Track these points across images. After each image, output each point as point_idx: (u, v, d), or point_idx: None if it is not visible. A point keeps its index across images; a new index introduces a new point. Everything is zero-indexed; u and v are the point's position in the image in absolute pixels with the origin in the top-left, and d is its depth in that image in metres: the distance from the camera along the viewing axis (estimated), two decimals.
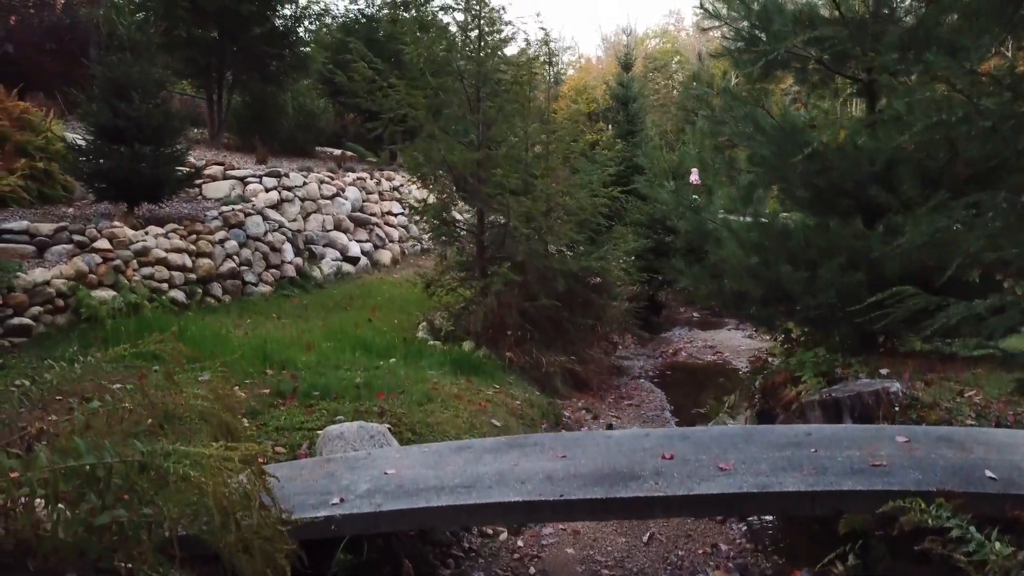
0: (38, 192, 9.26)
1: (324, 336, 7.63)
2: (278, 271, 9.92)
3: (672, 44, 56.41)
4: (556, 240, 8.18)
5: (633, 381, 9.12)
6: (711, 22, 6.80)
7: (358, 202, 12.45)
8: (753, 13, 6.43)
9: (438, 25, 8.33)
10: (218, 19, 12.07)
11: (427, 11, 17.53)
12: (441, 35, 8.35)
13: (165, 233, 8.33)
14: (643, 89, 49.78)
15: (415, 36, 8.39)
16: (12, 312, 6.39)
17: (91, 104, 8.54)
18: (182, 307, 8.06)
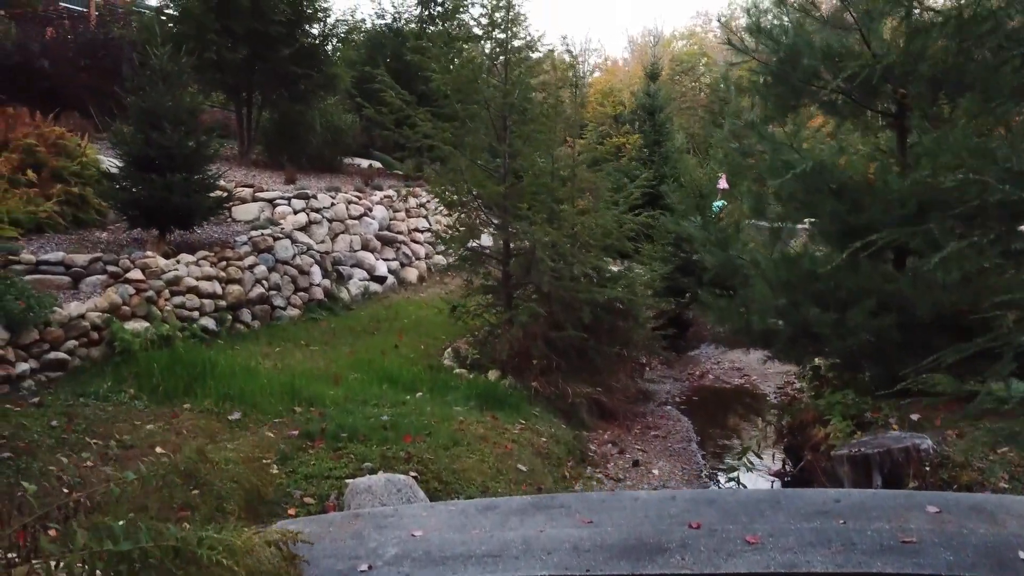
0: (73, 217, 9.44)
1: (351, 366, 7.70)
2: (306, 294, 10.03)
3: (699, 46, 56.05)
4: (582, 267, 8.16)
5: (660, 408, 9.09)
6: (739, 56, 6.75)
7: (385, 220, 12.53)
8: (783, 47, 6.38)
9: (465, 56, 8.32)
10: (248, 41, 12.20)
11: (454, 23, 17.62)
12: (467, 64, 8.36)
13: (196, 261, 8.45)
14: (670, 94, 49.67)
15: (442, 65, 8.42)
16: (48, 347, 6.52)
17: (125, 133, 8.68)
18: (212, 335, 8.17)
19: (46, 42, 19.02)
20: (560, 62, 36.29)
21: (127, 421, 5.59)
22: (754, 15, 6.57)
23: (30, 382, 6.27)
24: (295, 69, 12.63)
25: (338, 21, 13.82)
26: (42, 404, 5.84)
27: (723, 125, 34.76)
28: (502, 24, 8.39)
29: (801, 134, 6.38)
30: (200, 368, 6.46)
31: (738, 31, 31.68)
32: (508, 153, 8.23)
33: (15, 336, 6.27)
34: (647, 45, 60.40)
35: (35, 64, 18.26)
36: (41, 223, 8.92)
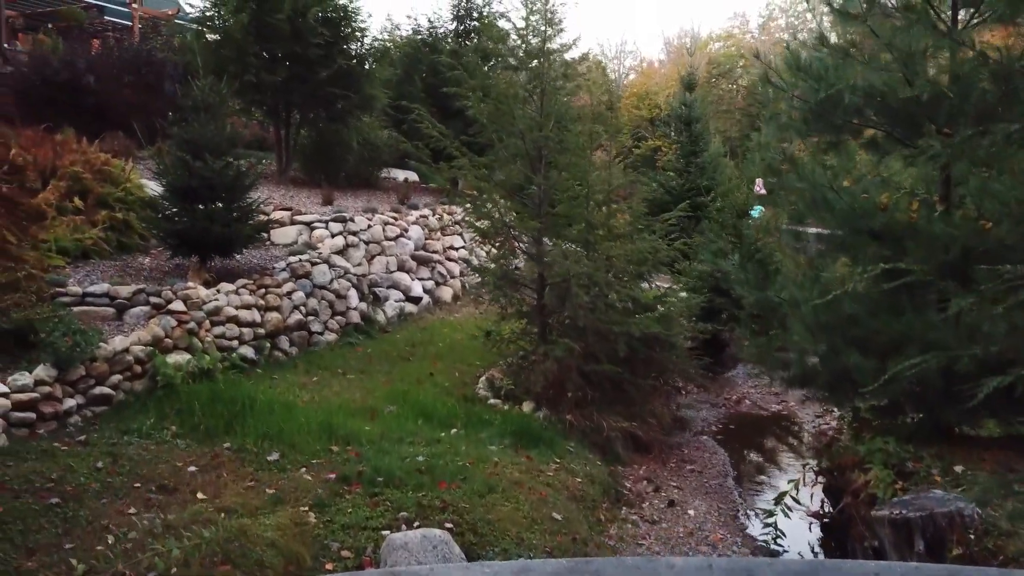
0: (117, 242, 9.66)
1: (387, 397, 7.76)
2: (343, 318, 10.13)
3: (736, 47, 55.40)
4: (617, 296, 8.13)
5: (695, 438, 9.02)
6: (776, 93, 6.66)
7: (420, 240, 12.61)
8: (823, 86, 6.28)
9: (501, 85, 8.33)
10: (287, 63, 12.37)
11: (490, 36, 17.63)
12: (503, 94, 8.37)
13: (236, 289, 8.58)
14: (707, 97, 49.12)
15: (478, 95, 8.44)
16: (94, 382, 6.69)
17: (167, 163, 8.85)
18: (251, 364, 8.30)
19: (91, 58, 19.46)
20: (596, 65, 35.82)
21: (169, 462, 5.70)
22: (793, 52, 6.48)
23: (76, 418, 6.44)
24: (333, 90, 12.76)
25: (375, 40, 13.91)
26: (88, 443, 5.98)
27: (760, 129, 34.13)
28: (538, 55, 8.39)
29: (840, 178, 6.27)
30: (240, 406, 6.56)
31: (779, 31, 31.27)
32: (543, 186, 8.22)
33: (63, 373, 6.44)
34: (683, 48, 59.98)
35: (81, 80, 18.70)
36: (87, 250, 9.15)
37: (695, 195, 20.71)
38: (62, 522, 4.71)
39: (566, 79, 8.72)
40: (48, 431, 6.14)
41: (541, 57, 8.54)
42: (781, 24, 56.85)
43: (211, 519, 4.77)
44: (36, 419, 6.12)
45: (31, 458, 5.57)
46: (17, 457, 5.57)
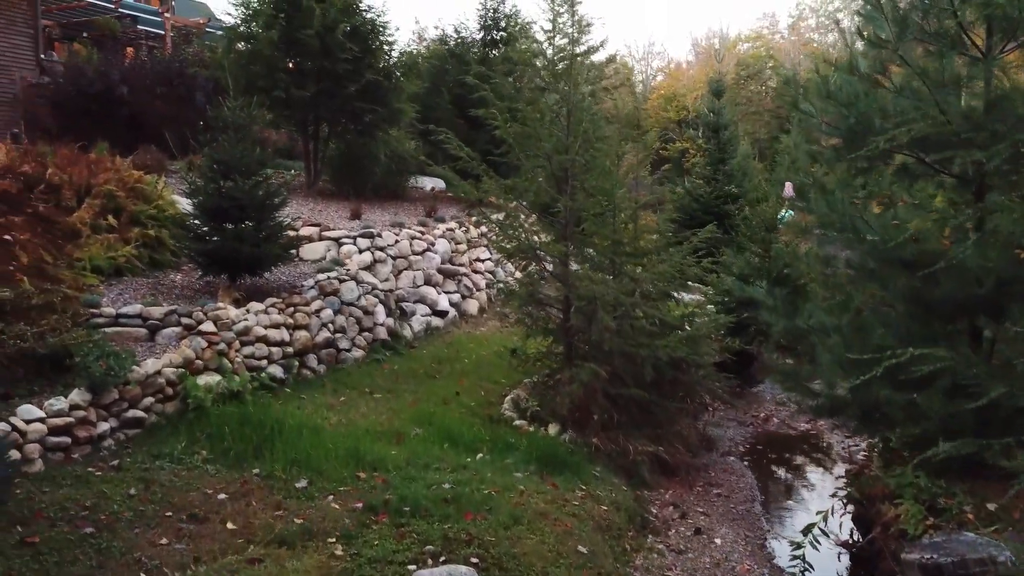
0: (149, 259, 9.83)
1: (413, 419, 7.81)
2: (371, 334, 10.20)
3: (765, 48, 54.87)
4: (643, 318, 8.10)
5: (722, 459, 8.96)
6: (806, 120, 6.60)
7: (447, 254, 12.66)
8: (853, 114, 6.21)
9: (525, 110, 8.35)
10: (316, 78, 12.49)
11: (519, 45, 17.66)
12: (529, 117, 8.38)
13: (265, 309, 8.68)
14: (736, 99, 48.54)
15: (505, 117, 8.46)
16: (127, 405, 6.80)
17: (198, 183, 8.97)
18: (280, 383, 8.39)
19: (125, 69, 19.79)
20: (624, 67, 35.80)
21: (199, 489, 5.79)
22: (823, 77, 6.42)
23: (110, 441, 6.56)
24: (361, 105, 12.86)
25: (402, 53, 13.98)
26: (121, 468, 6.09)
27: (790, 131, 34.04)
28: (566, 58, 8.38)
29: (870, 207, 6.20)
30: (268, 430, 6.64)
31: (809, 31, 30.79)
32: (569, 207, 8.21)
33: (97, 396, 6.56)
34: (711, 48, 59.50)
35: (115, 92, 19.05)
36: (120, 267, 9.32)
37: (723, 203, 20.60)
38: (96, 553, 4.81)
39: (594, 98, 8.66)
40: (83, 455, 6.26)
41: (568, 60, 8.50)
42: (811, 24, 56.26)
43: (240, 550, 4.85)
44: (71, 443, 6.24)
45: (66, 484, 5.69)
46: (53, 483, 5.69)
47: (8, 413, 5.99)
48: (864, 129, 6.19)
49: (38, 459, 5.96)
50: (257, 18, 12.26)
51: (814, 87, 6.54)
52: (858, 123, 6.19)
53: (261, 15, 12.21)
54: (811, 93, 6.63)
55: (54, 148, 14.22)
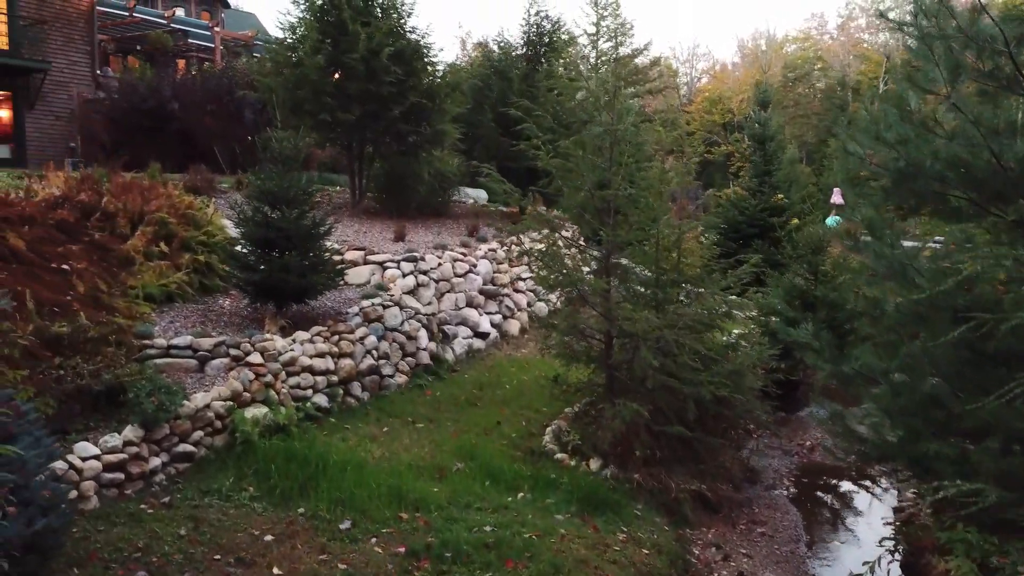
0: (199, 284, 10.06)
1: (455, 452, 7.87)
2: (413, 359, 10.30)
3: (813, 49, 53.88)
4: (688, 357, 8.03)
5: (766, 493, 8.84)
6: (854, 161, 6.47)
7: (489, 275, 12.71)
8: (904, 158, 6.08)
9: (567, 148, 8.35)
10: (361, 101, 12.64)
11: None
12: (572, 150, 8.38)
13: (311, 338, 8.83)
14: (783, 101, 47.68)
15: (547, 150, 8.47)
16: (177, 439, 6.99)
17: (247, 213, 9.16)
18: (325, 412, 8.53)
19: (176, 85, 20.29)
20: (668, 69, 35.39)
21: (246, 530, 5.92)
22: (873, 118, 6.29)
23: (161, 476, 6.75)
24: (404, 126, 12.99)
25: (446, 73, 14.06)
26: (171, 505, 6.26)
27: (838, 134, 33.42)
28: (608, 105, 8.35)
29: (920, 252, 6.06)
30: (314, 467, 6.76)
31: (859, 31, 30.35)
32: (612, 242, 8.19)
33: (149, 432, 6.75)
34: (757, 50, 58.65)
35: (167, 108, 19.56)
36: (171, 294, 9.56)
37: (769, 215, 20.32)
38: None
39: (637, 129, 8.61)
40: (135, 491, 6.45)
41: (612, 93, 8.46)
42: (861, 24, 55.05)
43: None
44: (125, 479, 6.45)
45: (120, 522, 5.88)
46: (107, 521, 5.88)
47: (66, 450, 6.20)
48: (914, 171, 6.06)
49: (93, 496, 6.16)
50: (303, 43, 12.46)
51: (863, 127, 6.41)
52: (908, 166, 6.05)
53: (307, 40, 12.40)
54: (859, 132, 6.50)
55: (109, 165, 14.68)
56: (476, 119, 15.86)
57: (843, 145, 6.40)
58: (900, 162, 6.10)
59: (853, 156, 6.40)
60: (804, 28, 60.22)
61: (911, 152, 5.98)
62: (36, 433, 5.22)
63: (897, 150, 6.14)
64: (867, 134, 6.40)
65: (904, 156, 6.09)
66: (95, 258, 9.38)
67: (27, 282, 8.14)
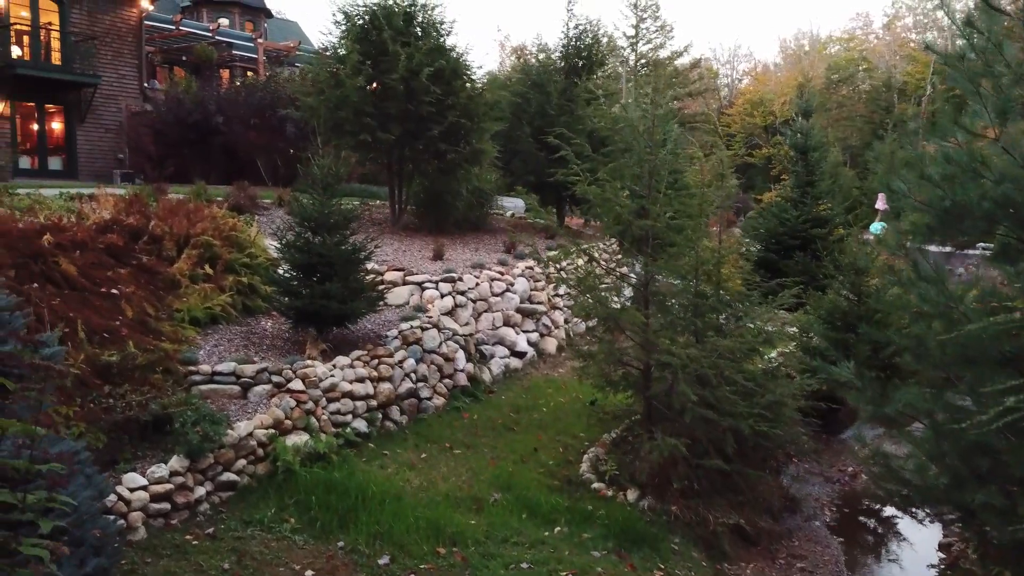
0: (243, 305, 10.25)
1: (492, 481, 7.92)
2: (451, 380, 10.38)
3: (857, 50, 52.87)
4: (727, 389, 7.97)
5: (806, 524, 8.74)
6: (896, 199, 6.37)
7: (526, 293, 12.74)
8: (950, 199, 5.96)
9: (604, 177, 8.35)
10: (400, 121, 12.77)
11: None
12: (610, 180, 8.37)
13: (351, 363, 8.95)
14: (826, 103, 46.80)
15: (586, 179, 8.48)
16: (221, 468, 7.14)
17: (289, 239, 9.32)
18: (364, 437, 8.63)
19: (220, 99, 20.68)
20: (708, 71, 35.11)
21: (288, 564, 6.04)
22: (919, 158, 6.18)
23: (205, 505, 6.90)
24: (443, 145, 13.08)
25: (484, 88, 14.11)
26: (216, 536, 6.41)
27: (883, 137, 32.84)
28: (647, 135, 8.32)
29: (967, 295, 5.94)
30: (353, 498, 6.86)
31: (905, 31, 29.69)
32: (648, 273, 8.16)
33: (194, 462, 6.91)
34: (800, 50, 57.75)
35: (211, 121, 19.97)
36: (216, 316, 9.76)
37: (811, 226, 20.01)
38: None
39: (676, 156, 8.57)
40: (181, 521, 6.61)
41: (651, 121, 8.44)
42: (908, 23, 53.85)
43: None
44: (171, 509, 6.60)
45: (166, 554, 6.04)
46: (154, 552, 6.05)
47: (115, 481, 6.38)
48: (961, 212, 5.94)
49: (141, 527, 6.33)
50: (344, 64, 12.62)
51: (908, 164, 6.31)
52: (954, 205, 5.94)
53: (348, 61, 12.55)
54: (903, 168, 6.40)
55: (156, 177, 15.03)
56: (514, 134, 15.91)
57: (887, 182, 6.29)
58: (946, 201, 5.99)
59: (897, 193, 6.29)
60: (848, 28, 59.24)
61: (957, 192, 5.86)
62: (88, 471, 5.38)
63: (943, 188, 6.03)
64: (912, 170, 6.30)
65: (950, 195, 5.98)
66: (143, 281, 9.61)
67: (78, 308, 8.38)
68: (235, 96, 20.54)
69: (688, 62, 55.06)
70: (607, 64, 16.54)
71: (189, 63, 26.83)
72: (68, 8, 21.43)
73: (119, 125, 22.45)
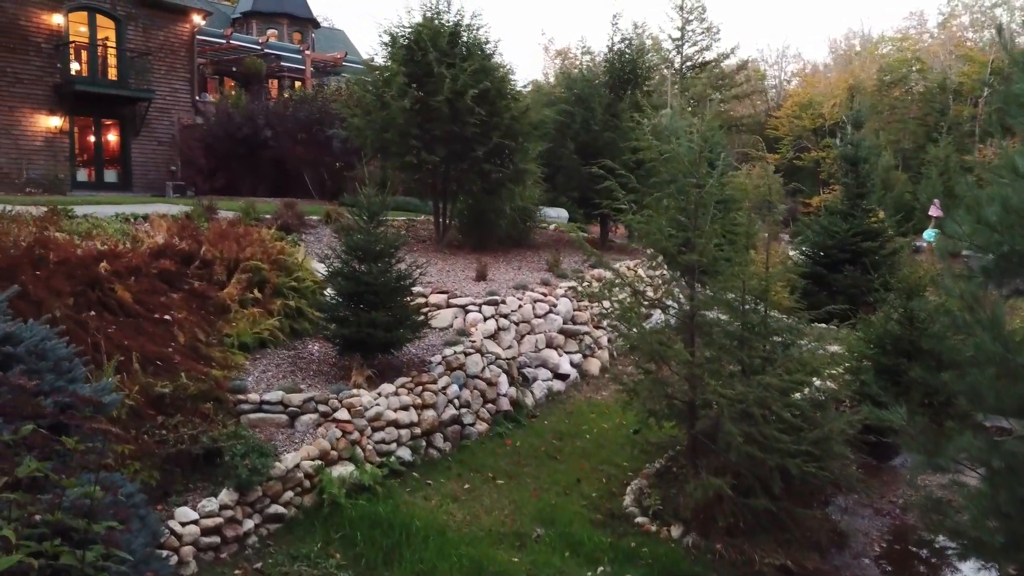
0: (290, 328, 10.43)
1: (535, 516, 7.93)
2: (493, 405, 10.42)
3: (911, 50, 51.55)
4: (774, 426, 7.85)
5: (855, 562, 8.54)
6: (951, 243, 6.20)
7: (569, 313, 12.72)
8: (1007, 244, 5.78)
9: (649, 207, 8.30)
10: (445, 142, 12.86)
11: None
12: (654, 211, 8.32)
13: (395, 390, 9.04)
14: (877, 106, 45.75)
15: (631, 209, 8.43)
16: (269, 501, 7.28)
17: (336, 266, 9.46)
18: (408, 466, 8.70)
19: (269, 113, 21.05)
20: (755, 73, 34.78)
21: None
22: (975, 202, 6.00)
23: (254, 538, 7.03)
24: (488, 165, 13.14)
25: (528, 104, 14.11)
26: (263, 571, 6.54)
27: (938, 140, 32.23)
28: (694, 169, 8.24)
29: None
30: (398, 534, 6.93)
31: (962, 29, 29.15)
32: (695, 306, 8.08)
33: (243, 495, 7.05)
34: (851, 51, 56.56)
35: (260, 135, 20.34)
36: (264, 340, 9.94)
37: (862, 240, 19.59)
38: None
39: (723, 187, 8.47)
40: (230, 554, 6.76)
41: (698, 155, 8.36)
42: (964, 22, 52.32)
43: None
44: (220, 542, 6.75)
45: None
46: None
47: (167, 514, 6.55)
48: (1020, 258, 5.76)
49: (192, 561, 6.48)
50: (390, 86, 12.75)
51: (966, 207, 6.13)
52: (1012, 251, 5.76)
53: (394, 83, 12.68)
54: (960, 211, 6.22)
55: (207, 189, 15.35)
56: (558, 149, 15.91)
57: (940, 225, 6.13)
58: (1004, 247, 5.82)
59: (953, 237, 6.13)
60: (902, 27, 57.79)
61: (1015, 238, 5.69)
62: (142, 512, 5.51)
63: (1000, 233, 5.85)
64: (969, 213, 6.12)
65: (1008, 241, 5.81)
66: (194, 306, 9.83)
67: (133, 336, 8.61)
68: (283, 110, 20.90)
69: (735, 63, 54.47)
70: (653, 78, 16.35)
71: (239, 74, 27.38)
72: (124, 25, 22.04)
73: (172, 138, 23.01)
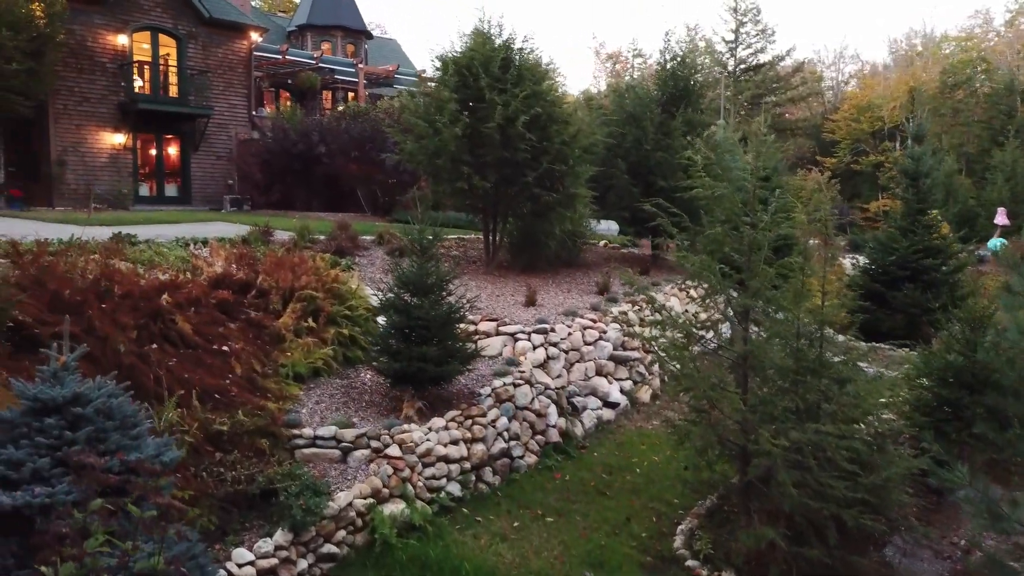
0: (343, 356, 10.60)
1: (584, 559, 7.91)
2: (543, 437, 10.41)
3: (976, 50, 49.88)
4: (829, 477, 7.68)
5: None
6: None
7: (619, 340, 12.63)
8: None
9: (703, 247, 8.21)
10: (496, 168, 12.91)
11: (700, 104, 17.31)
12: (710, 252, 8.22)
13: (445, 424, 9.11)
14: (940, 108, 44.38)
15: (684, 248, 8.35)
16: (322, 540, 7.41)
17: (388, 298, 9.59)
18: (457, 501, 8.77)
19: (323, 129, 21.40)
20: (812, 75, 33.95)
21: None
22: None
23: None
24: (538, 190, 13.14)
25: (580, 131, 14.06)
26: None
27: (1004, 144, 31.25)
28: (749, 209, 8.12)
29: None
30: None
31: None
32: (748, 351, 7.95)
33: (297, 536, 7.19)
34: (912, 51, 54.99)
35: (314, 151, 20.70)
36: (318, 369, 10.12)
37: (922, 257, 19.03)
38: None
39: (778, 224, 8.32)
40: None
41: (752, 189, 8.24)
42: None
43: None
44: None
45: None
46: None
47: (224, 555, 6.72)
48: None
49: None
50: (442, 113, 12.84)
51: None
52: None
53: (446, 111, 12.77)
54: None
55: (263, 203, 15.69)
56: (609, 169, 15.82)
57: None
58: None
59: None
60: (966, 26, 55.98)
61: None
62: (202, 561, 5.68)
63: None
64: None
65: None
66: (250, 336, 10.05)
67: (192, 368, 8.84)
68: (337, 125, 21.21)
69: (791, 65, 53.39)
70: (705, 96, 16.15)
71: (294, 87, 27.90)
72: (185, 43, 22.64)
73: (229, 152, 23.58)
